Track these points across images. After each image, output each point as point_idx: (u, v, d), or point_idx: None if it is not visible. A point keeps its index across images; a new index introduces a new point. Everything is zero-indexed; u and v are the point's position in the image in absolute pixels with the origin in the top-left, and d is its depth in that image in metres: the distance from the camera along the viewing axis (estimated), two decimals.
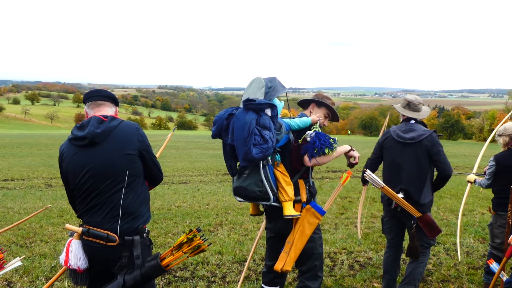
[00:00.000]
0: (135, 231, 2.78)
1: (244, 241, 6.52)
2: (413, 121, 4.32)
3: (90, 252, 2.78)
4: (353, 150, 3.80)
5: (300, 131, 3.65)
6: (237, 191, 3.45)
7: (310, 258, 3.69)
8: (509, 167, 4.52)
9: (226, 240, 6.61)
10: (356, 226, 7.55)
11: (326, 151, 3.46)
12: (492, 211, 4.71)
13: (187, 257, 2.81)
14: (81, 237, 2.78)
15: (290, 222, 3.61)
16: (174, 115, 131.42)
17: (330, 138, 3.50)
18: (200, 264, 5.47)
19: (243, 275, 4.71)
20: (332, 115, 3.92)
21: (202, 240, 2.74)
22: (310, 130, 3.56)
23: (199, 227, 2.76)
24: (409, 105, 4.35)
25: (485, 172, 4.79)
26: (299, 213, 3.54)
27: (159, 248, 6.15)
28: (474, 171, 5.41)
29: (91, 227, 2.74)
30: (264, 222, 4.65)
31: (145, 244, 2.87)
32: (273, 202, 3.42)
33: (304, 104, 3.96)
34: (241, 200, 3.57)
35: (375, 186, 3.98)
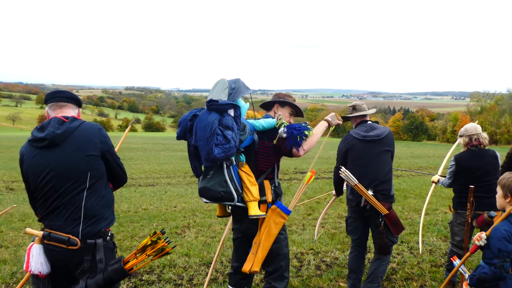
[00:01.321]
0: (98, 234, 2.73)
1: (211, 243, 6.50)
2: (369, 122, 4.50)
3: (51, 256, 2.71)
4: (329, 120, 3.97)
5: (264, 132, 3.67)
6: (202, 192, 3.44)
7: (276, 258, 3.70)
8: (467, 167, 4.67)
9: (194, 242, 6.57)
10: (323, 227, 7.63)
11: (306, 133, 3.57)
12: (452, 209, 4.86)
13: (151, 260, 2.78)
14: (42, 241, 2.70)
15: (256, 223, 3.62)
16: (142, 116, 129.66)
17: (302, 124, 3.61)
18: (167, 267, 5.42)
19: (208, 277, 4.69)
20: (296, 111, 3.99)
21: (166, 242, 2.71)
22: (279, 129, 3.59)
23: (163, 229, 2.73)
24: (355, 108, 4.60)
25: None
26: (264, 213, 3.55)
27: (124, 251, 6.06)
28: (440, 172, 5.57)
29: (52, 231, 2.67)
30: (229, 224, 4.65)
31: (109, 248, 2.82)
32: (238, 202, 3.43)
33: (267, 106, 3.99)
34: (207, 201, 3.57)
35: (348, 183, 4.07)
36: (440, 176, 5.36)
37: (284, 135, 3.54)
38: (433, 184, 5.55)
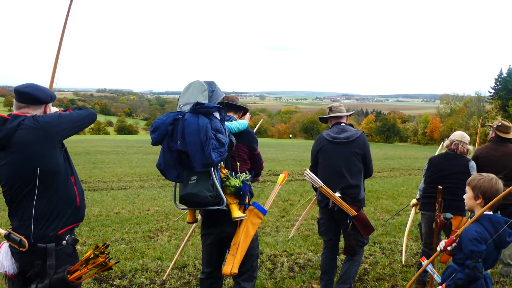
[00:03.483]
0: (50, 238, 2.62)
1: (185, 246, 6.43)
2: (343, 124, 4.54)
3: (14, 256, 2.68)
4: None
5: (239, 134, 3.70)
6: (187, 199, 3.34)
7: (250, 259, 3.72)
8: (436, 166, 4.76)
9: (166, 246, 6.50)
10: (297, 229, 7.66)
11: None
12: (416, 210, 4.96)
13: (95, 273, 2.67)
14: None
15: (234, 224, 3.61)
16: (114, 119, 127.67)
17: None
18: (139, 272, 5.34)
19: (171, 265, 4.64)
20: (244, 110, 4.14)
21: (107, 258, 2.60)
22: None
23: (106, 243, 2.64)
24: (331, 109, 4.67)
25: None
26: (245, 214, 3.55)
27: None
28: (418, 196, 5.46)
29: (11, 231, 2.64)
30: (192, 229, 4.66)
31: (65, 253, 2.70)
32: (224, 206, 3.40)
33: (229, 108, 4.00)
34: (184, 208, 3.53)
35: (313, 185, 4.09)
36: (416, 199, 5.34)
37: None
38: (413, 209, 5.59)
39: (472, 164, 4.68)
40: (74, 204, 2.78)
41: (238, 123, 3.68)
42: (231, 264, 3.54)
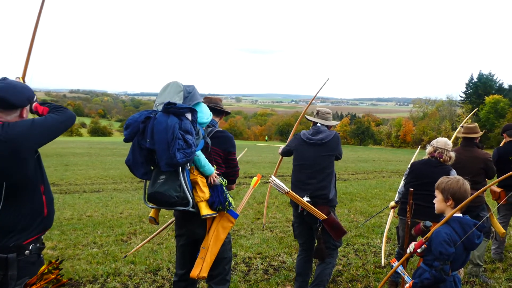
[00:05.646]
0: (11, 248, 2.50)
1: (158, 250, 6.37)
2: (319, 125, 4.59)
3: None
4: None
5: (215, 137, 3.72)
6: (154, 197, 3.35)
7: (221, 262, 3.71)
8: (417, 172, 4.75)
9: (140, 249, 6.40)
10: (272, 231, 7.67)
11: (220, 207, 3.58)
12: (395, 215, 5.01)
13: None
14: None
15: (204, 226, 3.60)
16: (87, 120, 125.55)
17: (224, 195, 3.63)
18: (111, 276, 5.26)
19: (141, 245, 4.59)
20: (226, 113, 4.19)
21: (59, 276, 2.52)
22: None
23: (59, 258, 2.57)
24: (318, 113, 4.70)
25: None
26: (215, 212, 3.53)
27: (67, 260, 5.82)
28: (396, 198, 5.51)
29: None
30: (160, 229, 4.63)
31: (28, 262, 2.58)
32: (192, 207, 3.39)
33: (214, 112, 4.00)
34: (154, 206, 3.52)
35: (280, 191, 4.08)
36: (394, 201, 5.39)
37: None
38: (391, 211, 5.64)
39: (454, 172, 4.72)
40: (41, 215, 2.64)
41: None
42: (200, 268, 3.53)
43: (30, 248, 2.57)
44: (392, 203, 5.43)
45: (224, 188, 3.63)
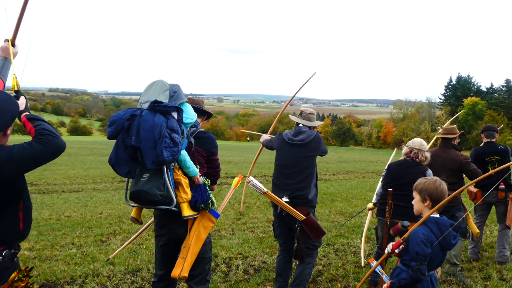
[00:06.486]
0: None
1: (138, 250, 6.32)
2: (301, 125, 4.60)
3: None
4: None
5: (198, 137, 3.73)
6: (136, 195, 3.32)
7: (202, 262, 3.71)
8: (395, 173, 4.79)
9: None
10: (253, 231, 7.68)
11: (203, 205, 3.56)
12: (373, 216, 5.05)
13: None
14: None
15: (186, 227, 3.59)
16: (67, 119, 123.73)
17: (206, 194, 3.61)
18: (90, 277, 5.19)
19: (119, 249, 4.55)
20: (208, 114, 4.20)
21: (29, 284, 2.44)
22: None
23: (28, 266, 2.53)
24: (301, 114, 4.69)
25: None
26: (196, 213, 3.53)
27: (44, 261, 5.73)
28: (374, 200, 5.53)
29: None
30: (142, 229, 4.61)
31: (1, 268, 2.52)
32: (174, 207, 3.38)
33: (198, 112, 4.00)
34: (135, 205, 3.50)
35: (258, 192, 4.07)
36: (373, 203, 5.41)
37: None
38: (370, 212, 5.68)
39: (430, 172, 4.77)
40: (16, 229, 2.58)
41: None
42: (181, 267, 3.51)
43: (3, 254, 2.52)
44: (370, 205, 5.47)
45: (207, 187, 3.63)
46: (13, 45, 2.86)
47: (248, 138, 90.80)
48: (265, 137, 5.07)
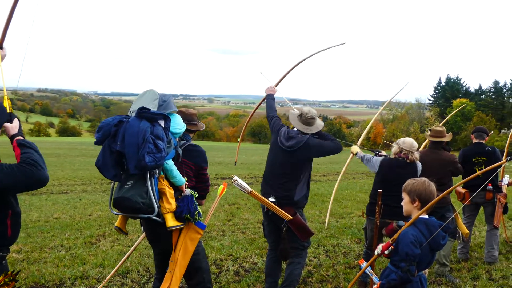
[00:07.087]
0: None
1: (128, 252, 6.27)
2: (295, 129, 4.53)
3: None
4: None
5: (187, 150, 3.77)
6: (119, 202, 3.30)
7: (198, 271, 3.74)
8: (387, 174, 4.82)
9: (109, 252, 6.31)
10: (243, 232, 7.67)
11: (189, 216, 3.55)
12: (364, 215, 5.07)
13: None
14: None
15: (170, 239, 3.58)
16: (56, 120, 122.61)
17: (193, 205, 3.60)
18: (79, 279, 5.16)
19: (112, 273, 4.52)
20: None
21: None
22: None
23: (15, 270, 2.50)
24: (300, 116, 4.52)
25: (375, 153, 5.11)
26: (181, 223, 3.51)
27: (32, 264, 5.67)
28: (359, 142, 5.57)
29: None
30: (139, 240, 4.60)
31: None
32: (155, 216, 3.35)
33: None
34: (118, 213, 3.48)
35: (243, 191, 4.05)
36: (359, 148, 5.43)
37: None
38: (351, 155, 5.66)
39: (420, 168, 4.84)
40: (4, 236, 2.58)
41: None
42: (169, 282, 3.52)
43: None
44: (355, 148, 5.50)
45: (194, 199, 3.61)
46: (0, 47, 2.84)
47: (239, 139, 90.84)
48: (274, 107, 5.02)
